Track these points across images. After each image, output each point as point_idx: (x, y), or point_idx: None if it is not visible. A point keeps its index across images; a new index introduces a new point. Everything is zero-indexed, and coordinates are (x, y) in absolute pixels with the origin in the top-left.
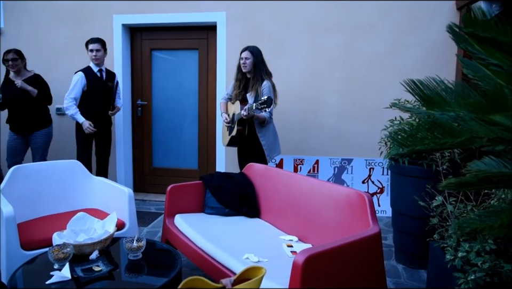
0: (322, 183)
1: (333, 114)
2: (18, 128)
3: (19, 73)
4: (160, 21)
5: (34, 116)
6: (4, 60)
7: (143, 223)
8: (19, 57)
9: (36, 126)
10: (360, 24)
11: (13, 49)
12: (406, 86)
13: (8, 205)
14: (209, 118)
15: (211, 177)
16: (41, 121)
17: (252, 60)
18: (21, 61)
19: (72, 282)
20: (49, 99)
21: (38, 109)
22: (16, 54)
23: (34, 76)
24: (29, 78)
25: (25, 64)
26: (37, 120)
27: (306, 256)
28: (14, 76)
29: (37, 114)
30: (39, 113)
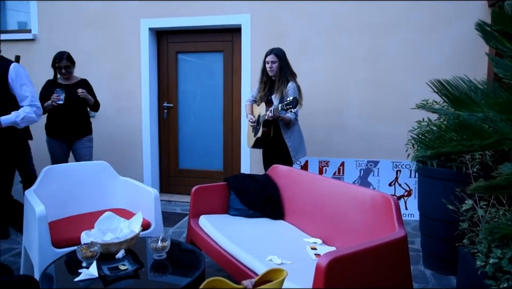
0: (347, 185)
1: (358, 115)
2: (61, 134)
3: (69, 78)
4: (185, 24)
5: (80, 122)
6: (57, 67)
7: (169, 223)
8: (71, 63)
9: (81, 133)
10: (384, 23)
11: (64, 54)
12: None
13: (41, 204)
14: (234, 119)
15: (235, 178)
16: (85, 128)
17: (278, 64)
18: (73, 66)
19: (99, 280)
20: (97, 105)
21: (83, 115)
22: (69, 61)
23: (82, 81)
24: (77, 82)
25: (74, 67)
26: (82, 127)
27: (330, 259)
28: (63, 80)
29: (82, 120)
30: (84, 119)
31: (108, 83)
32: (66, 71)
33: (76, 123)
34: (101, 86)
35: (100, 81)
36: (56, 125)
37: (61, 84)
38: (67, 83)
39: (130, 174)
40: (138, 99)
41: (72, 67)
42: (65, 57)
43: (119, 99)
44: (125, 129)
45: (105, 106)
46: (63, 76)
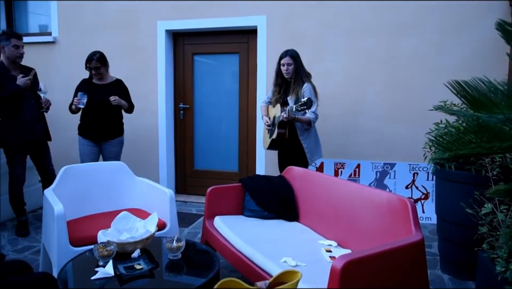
0: (362, 188)
1: (375, 117)
2: (92, 135)
3: (102, 78)
4: (201, 26)
5: (111, 124)
6: (88, 68)
7: (184, 224)
8: (101, 64)
9: (111, 134)
10: (402, 24)
11: (95, 55)
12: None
13: (59, 203)
14: (249, 121)
15: (250, 179)
16: (116, 129)
17: (294, 66)
18: (104, 67)
19: (115, 279)
20: (132, 107)
21: (116, 117)
22: (99, 62)
23: (116, 81)
24: (111, 83)
25: (107, 68)
26: (113, 128)
27: (345, 261)
28: (97, 80)
29: (114, 122)
30: (116, 121)
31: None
32: (96, 72)
33: (105, 125)
34: None
35: None
36: (86, 125)
37: (94, 84)
38: (101, 83)
39: (146, 175)
40: (155, 100)
41: (102, 68)
42: (96, 58)
43: (136, 101)
44: (141, 130)
45: None
46: (95, 77)
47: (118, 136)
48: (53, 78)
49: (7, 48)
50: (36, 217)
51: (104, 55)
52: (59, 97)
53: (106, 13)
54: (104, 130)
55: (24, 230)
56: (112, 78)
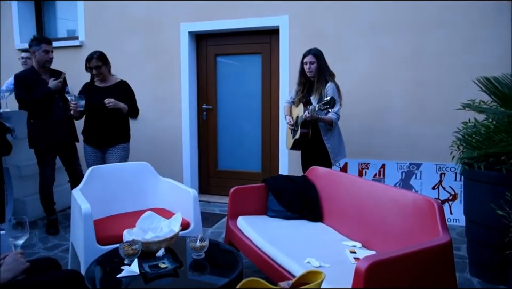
0: (387, 188)
1: (400, 116)
2: (93, 140)
3: (104, 79)
4: (224, 27)
5: (113, 129)
6: (88, 68)
7: (208, 224)
8: (102, 63)
9: (112, 140)
10: (427, 21)
11: (95, 53)
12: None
13: (86, 202)
14: (272, 121)
15: (273, 180)
16: (119, 135)
17: (317, 64)
18: (105, 66)
19: (140, 277)
20: (135, 111)
21: (120, 122)
22: (99, 60)
23: (120, 83)
24: (114, 85)
25: (109, 68)
26: (115, 134)
27: (370, 262)
28: (99, 82)
29: (117, 127)
30: (119, 126)
31: (149, 86)
32: (97, 72)
33: (107, 130)
34: (143, 89)
35: (142, 85)
36: (89, 130)
37: (96, 87)
38: (103, 85)
39: (170, 175)
40: (178, 101)
41: (103, 68)
42: (96, 56)
43: (160, 102)
44: (165, 131)
45: (146, 108)
46: (96, 77)
47: (121, 142)
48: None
49: (37, 53)
50: (65, 216)
51: (104, 54)
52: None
53: (130, 16)
54: (106, 136)
55: (54, 229)
56: (116, 79)
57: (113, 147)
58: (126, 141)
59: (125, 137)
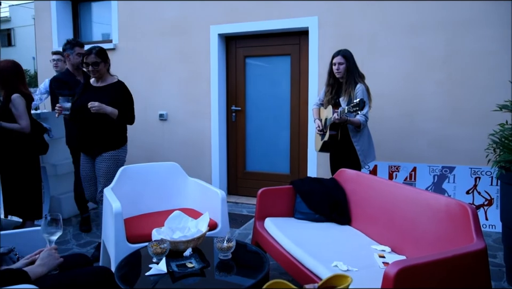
0: (418, 192)
1: (432, 118)
2: (82, 146)
3: (101, 78)
4: (253, 29)
5: (101, 134)
6: (84, 63)
7: (235, 225)
8: (101, 59)
9: (99, 147)
10: (462, 20)
11: (94, 48)
12: None
13: (117, 201)
14: (301, 123)
15: (301, 182)
16: (108, 142)
17: (345, 65)
18: (104, 64)
19: (168, 276)
20: (130, 117)
21: (109, 126)
22: (98, 56)
23: (116, 84)
24: (110, 85)
25: (108, 67)
26: (103, 140)
27: (399, 268)
28: (95, 81)
29: (105, 131)
30: (107, 131)
31: (179, 88)
32: (93, 69)
33: (95, 135)
34: (173, 91)
35: (172, 86)
36: (78, 135)
37: (91, 86)
38: (98, 85)
39: (199, 175)
40: (208, 103)
41: (101, 65)
42: (95, 52)
43: (190, 103)
44: (194, 132)
45: (176, 109)
46: (92, 75)
47: (111, 149)
48: None
49: (71, 56)
50: (97, 214)
51: (104, 50)
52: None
53: (161, 20)
54: (93, 142)
55: (87, 226)
56: (113, 79)
57: (101, 155)
58: (115, 148)
59: (115, 144)
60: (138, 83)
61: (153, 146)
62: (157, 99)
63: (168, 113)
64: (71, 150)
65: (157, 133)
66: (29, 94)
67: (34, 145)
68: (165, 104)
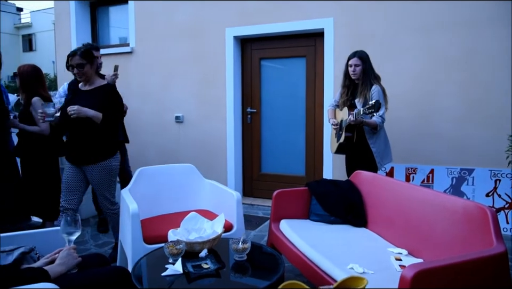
0: (436, 194)
1: (450, 119)
2: (71, 156)
3: (88, 80)
4: (268, 31)
5: (93, 142)
6: (69, 66)
7: (251, 226)
8: (87, 61)
9: (92, 157)
10: (478, 19)
11: (79, 49)
12: None
13: (134, 202)
14: (316, 124)
15: (317, 184)
16: (100, 151)
17: (362, 67)
18: (90, 66)
19: (183, 276)
20: (114, 120)
21: (97, 135)
22: (83, 58)
23: (104, 87)
24: (97, 88)
25: (97, 68)
26: (95, 148)
27: (416, 271)
28: (83, 84)
29: (94, 141)
30: (96, 140)
31: (195, 90)
32: (78, 71)
33: (86, 143)
34: (189, 93)
35: (188, 89)
36: (67, 144)
37: (78, 90)
38: (85, 88)
39: (214, 177)
40: (223, 105)
41: (87, 67)
42: (80, 53)
43: (206, 105)
44: (210, 134)
45: (192, 112)
46: (78, 78)
47: (102, 160)
48: (130, 85)
49: None
50: None
51: (90, 50)
52: (135, 102)
53: (177, 23)
54: (84, 151)
55: (104, 227)
56: (102, 81)
57: (89, 165)
58: (107, 157)
59: (106, 153)
60: (155, 86)
61: (169, 148)
62: (173, 102)
63: (184, 115)
64: None
65: (173, 135)
66: (49, 97)
67: (54, 147)
68: (181, 107)
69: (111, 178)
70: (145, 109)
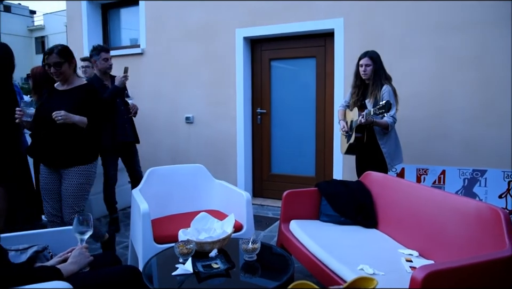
0: (447, 195)
1: (463, 119)
2: (44, 158)
3: (66, 80)
4: (278, 31)
5: (71, 144)
6: (45, 64)
7: (261, 227)
8: (64, 59)
9: (67, 160)
10: (490, 19)
11: (56, 47)
12: None
13: (145, 202)
14: (326, 125)
15: (327, 184)
16: (77, 155)
17: (372, 67)
18: (68, 64)
19: (194, 276)
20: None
21: (78, 136)
22: (60, 56)
23: (83, 87)
24: (76, 88)
25: (75, 67)
26: (70, 152)
27: (427, 272)
28: (60, 84)
29: (73, 142)
30: (75, 141)
31: (205, 91)
32: (55, 70)
33: (62, 145)
34: (199, 94)
35: (198, 89)
36: (42, 145)
37: (55, 90)
38: (63, 88)
39: (224, 177)
40: (233, 105)
41: (65, 66)
42: (57, 51)
43: (216, 106)
44: (220, 135)
45: (202, 112)
46: (55, 78)
47: (81, 164)
48: (141, 85)
49: (98, 62)
50: (125, 215)
51: (68, 48)
52: (146, 103)
53: (187, 24)
54: (58, 154)
55: (115, 226)
56: (81, 81)
57: (68, 169)
58: (86, 162)
59: (86, 157)
60: (165, 87)
61: (179, 149)
62: (183, 103)
63: (194, 116)
64: (101, 152)
65: (183, 136)
66: None
67: None
68: (191, 107)
69: (87, 187)
70: (156, 110)
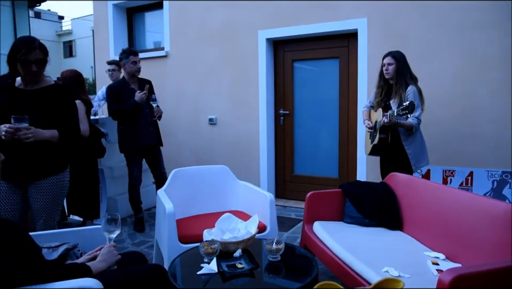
0: (475, 197)
1: (491, 120)
2: (10, 172)
3: (38, 80)
4: (301, 32)
5: (40, 154)
6: (22, 61)
7: (284, 228)
8: (45, 56)
9: (38, 172)
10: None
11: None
12: None
13: (170, 202)
14: (350, 126)
15: (351, 185)
16: (50, 164)
17: (395, 66)
18: (45, 62)
19: (218, 275)
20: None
21: (49, 144)
22: (43, 53)
23: (53, 87)
24: (47, 88)
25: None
26: (42, 162)
27: (454, 275)
28: (25, 84)
29: (45, 151)
30: (48, 150)
31: (228, 92)
32: (37, 69)
33: (29, 154)
34: (222, 95)
35: (221, 91)
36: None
37: (17, 90)
38: (29, 88)
39: (248, 178)
40: (256, 107)
41: (45, 65)
42: (39, 46)
43: (238, 107)
44: (243, 136)
45: (225, 114)
46: (31, 78)
47: (52, 174)
48: (165, 88)
49: (127, 65)
50: (150, 215)
51: (43, 43)
52: (170, 104)
53: (211, 26)
54: (27, 163)
55: (140, 226)
56: (49, 81)
57: (36, 182)
58: (60, 170)
59: (58, 165)
60: (189, 89)
61: (203, 150)
62: (207, 104)
63: (217, 117)
64: (124, 154)
65: (207, 137)
66: (89, 101)
67: (93, 148)
68: (214, 109)
69: (60, 199)
70: (180, 111)
